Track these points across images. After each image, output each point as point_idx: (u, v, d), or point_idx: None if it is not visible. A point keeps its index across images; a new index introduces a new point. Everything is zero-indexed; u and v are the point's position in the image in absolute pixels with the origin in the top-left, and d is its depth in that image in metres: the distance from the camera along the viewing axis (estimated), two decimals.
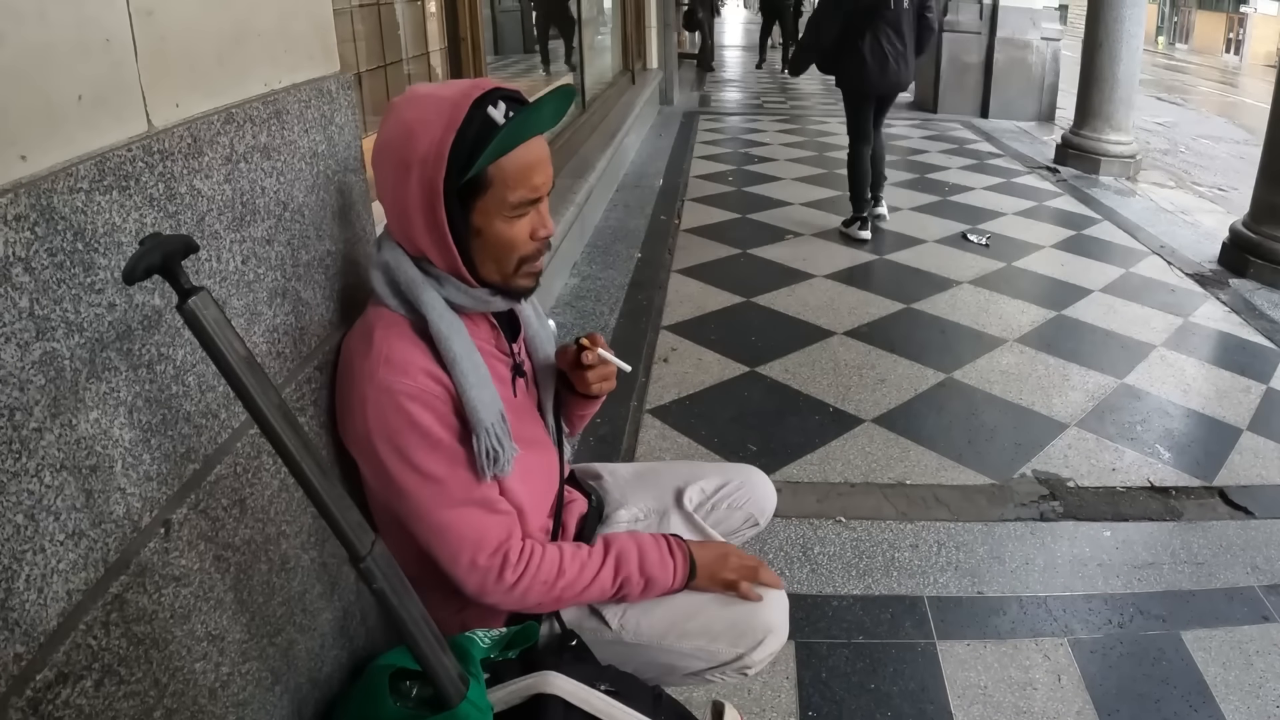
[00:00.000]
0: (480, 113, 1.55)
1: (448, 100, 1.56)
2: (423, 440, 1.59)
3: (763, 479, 2.28)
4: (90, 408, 1.09)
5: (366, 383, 1.58)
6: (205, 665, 1.31)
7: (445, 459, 1.61)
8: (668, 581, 1.80)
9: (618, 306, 5.42)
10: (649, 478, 2.23)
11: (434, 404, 1.59)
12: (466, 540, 1.63)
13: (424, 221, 1.60)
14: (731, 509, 2.19)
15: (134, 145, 1.19)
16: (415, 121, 1.56)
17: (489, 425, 1.60)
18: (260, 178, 1.51)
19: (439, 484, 1.61)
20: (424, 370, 1.59)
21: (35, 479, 1.01)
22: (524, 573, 1.67)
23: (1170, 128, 14.78)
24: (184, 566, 1.26)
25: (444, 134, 1.53)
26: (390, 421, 1.57)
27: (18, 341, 0.98)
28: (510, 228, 1.63)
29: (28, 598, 0.99)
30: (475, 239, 1.63)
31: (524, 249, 1.66)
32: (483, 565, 1.64)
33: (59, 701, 1.01)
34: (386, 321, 1.64)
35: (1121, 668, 2.64)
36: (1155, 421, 4.14)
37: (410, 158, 1.56)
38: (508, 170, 1.58)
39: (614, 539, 1.82)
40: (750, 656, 1.83)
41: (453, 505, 1.62)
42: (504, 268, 1.67)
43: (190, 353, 1.29)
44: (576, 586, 1.74)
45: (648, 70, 13.03)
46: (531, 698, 1.53)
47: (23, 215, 0.99)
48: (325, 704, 1.70)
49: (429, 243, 1.62)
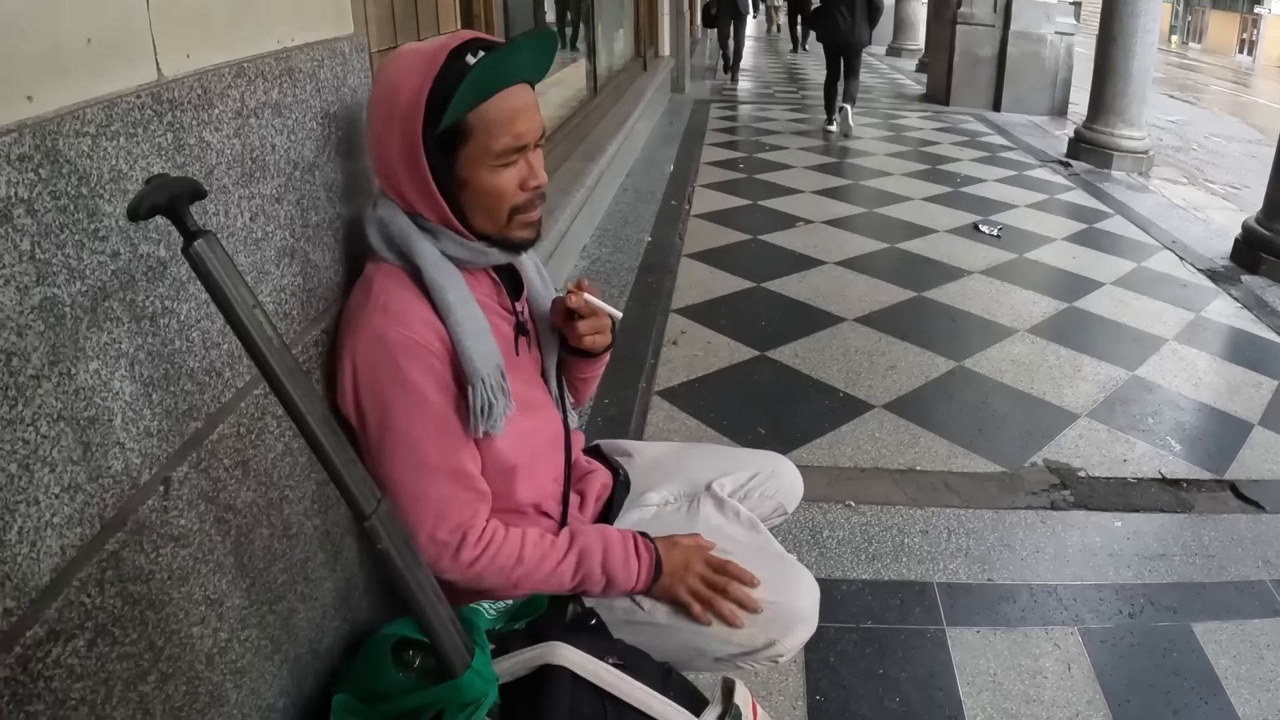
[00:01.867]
0: (458, 61, 1.52)
1: (427, 52, 1.54)
2: (410, 397, 1.56)
3: (790, 468, 2.26)
4: (90, 358, 1.06)
5: (358, 333, 1.57)
6: (203, 630, 1.28)
7: (428, 421, 1.58)
8: (629, 583, 1.76)
9: (627, 289, 5.38)
10: (679, 462, 2.20)
11: (427, 359, 1.57)
12: (429, 511, 1.60)
13: (408, 173, 1.58)
14: (763, 498, 2.16)
15: (143, 93, 1.16)
16: (397, 75, 1.55)
17: (484, 375, 1.57)
18: (271, 134, 1.48)
19: (416, 447, 1.58)
20: (421, 319, 1.57)
21: (31, 428, 0.97)
22: (481, 554, 1.64)
23: (1182, 125, 14.76)
24: (183, 527, 1.22)
25: (421, 83, 1.51)
26: (379, 375, 1.55)
27: (17, 285, 0.95)
28: (497, 177, 1.60)
29: (19, 551, 0.96)
30: (463, 190, 1.61)
31: (514, 199, 1.63)
32: (440, 539, 1.61)
33: (49, 660, 0.98)
34: (385, 272, 1.62)
35: (1132, 658, 2.61)
36: (1166, 414, 4.11)
37: (393, 111, 1.54)
38: (488, 117, 1.56)
39: (581, 532, 1.78)
40: (782, 644, 1.81)
41: (426, 473, 1.60)
42: (496, 219, 1.64)
43: (195, 308, 1.26)
44: (534, 576, 1.70)
45: (660, 58, 13.02)
46: (538, 668, 1.49)
47: (27, 155, 0.96)
48: (326, 676, 1.67)
49: (415, 194, 1.60)
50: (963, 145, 10.28)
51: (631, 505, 2.06)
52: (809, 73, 18.19)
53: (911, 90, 15.37)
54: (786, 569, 1.93)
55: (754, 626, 1.80)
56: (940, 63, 13.62)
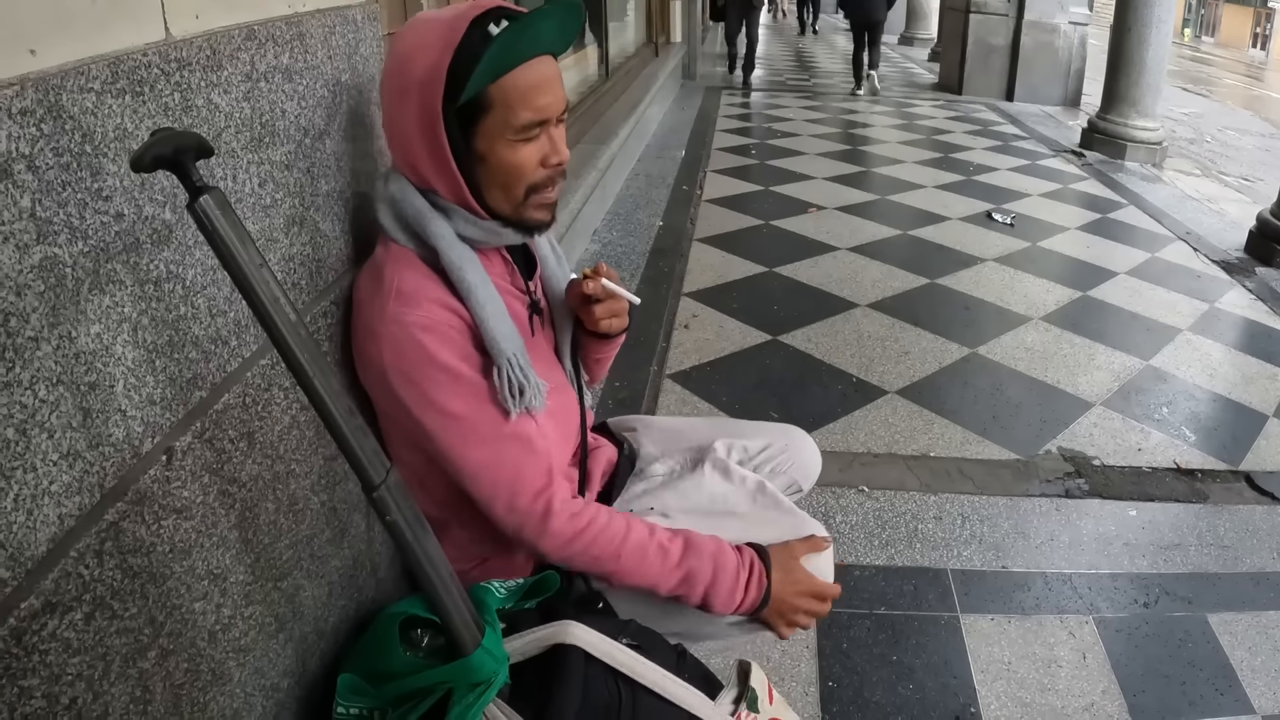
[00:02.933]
0: (480, 31, 1.47)
1: (445, 21, 1.49)
2: (441, 374, 1.51)
3: (807, 441, 2.19)
4: (92, 321, 1.03)
5: (379, 320, 1.51)
6: (205, 606, 1.25)
7: (468, 393, 1.53)
8: (726, 610, 1.67)
9: (639, 273, 5.36)
10: (687, 431, 2.14)
11: (450, 335, 1.52)
12: (502, 481, 1.56)
13: (425, 147, 1.52)
14: (774, 473, 2.09)
15: (150, 51, 1.13)
16: (415, 44, 1.49)
17: (510, 355, 1.53)
18: (281, 99, 1.44)
19: (464, 421, 1.53)
20: (437, 300, 1.52)
21: (29, 391, 0.94)
22: (577, 535, 1.58)
23: (1196, 118, 14.68)
24: (186, 498, 1.20)
25: (441, 54, 1.46)
26: (408, 357, 1.50)
27: (16, 243, 0.92)
28: (516, 153, 1.54)
29: (15, 519, 0.93)
30: (480, 165, 1.55)
31: (532, 176, 1.57)
32: (521, 508, 1.57)
33: (44, 633, 0.95)
34: (395, 256, 1.57)
35: (1147, 648, 2.58)
36: (1181, 404, 4.08)
37: (409, 82, 1.49)
38: (510, 90, 1.50)
39: (695, 549, 1.66)
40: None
41: (483, 442, 1.54)
42: (512, 196, 1.59)
43: (201, 274, 1.23)
44: (628, 578, 1.63)
45: (671, 44, 13.01)
46: (551, 648, 1.46)
47: (29, 110, 0.93)
48: (331, 656, 1.65)
49: (432, 170, 1.55)
50: (975, 134, 10.23)
51: (637, 477, 2.02)
52: (819, 59, 18.17)
53: (924, 79, 15.31)
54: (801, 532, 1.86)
55: None
56: (953, 52, 13.57)
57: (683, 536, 1.68)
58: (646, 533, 1.65)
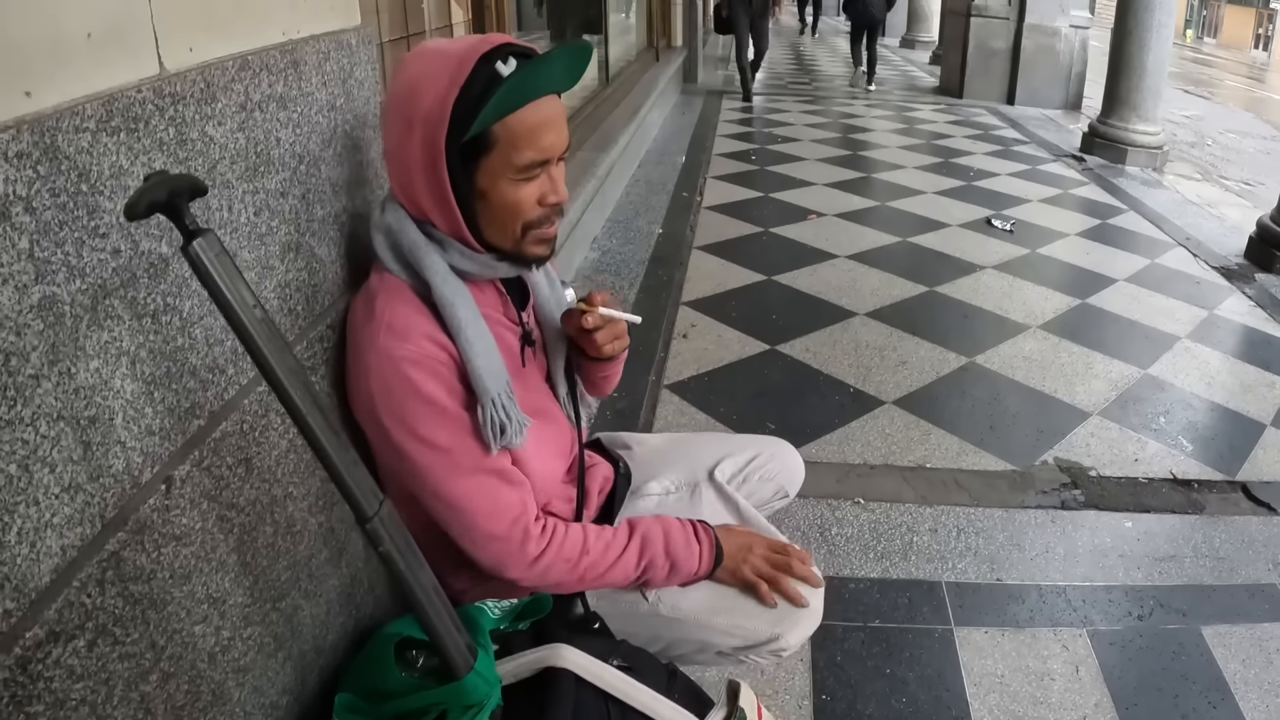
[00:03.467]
0: (488, 68, 1.48)
1: (454, 55, 1.49)
2: (427, 408, 1.53)
3: (791, 450, 2.26)
4: (91, 356, 1.05)
5: (369, 351, 1.53)
6: (205, 629, 1.27)
7: (453, 427, 1.55)
8: (693, 567, 1.76)
9: (637, 281, 5.38)
10: (680, 449, 2.19)
11: (438, 370, 1.53)
12: (480, 511, 1.58)
13: (426, 181, 1.53)
14: (763, 480, 2.16)
15: (144, 87, 1.14)
16: (420, 77, 1.50)
17: (494, 395, 1.54)
18: (275, 128, 1.46)
19: (447, 454, 1.55)
20: (427, 335, 1.53)
21: (30, 428, 0.96)
22: (546, 548, 1.63)
23: (1197, 121, 14.68)
24: (185, 525, 1.21)
25: (448, 90, 1.46)
26: (394, 391, 1.52)
27: (16, 284, 0.94)
28: (517, 191, 1.55)
29: (19, 552, 0.95)
30: (480, 201, 1.56)
31: (530, 214, 1.58)
32: (501, 536, 1.60)
33: (49, 661, 0.97)
34: (388, 287, 1.58)
35: (1141, 661, 2.60)
36: (1179, 413, 4.08)
37: (414, 114, 1.49)
38: (515, 129, 1.51)
39: (639, 522, 1.77)
40: (786, 638, 1.79)
41: (464, 475, 1.57)
42: (509, 233, 1.59)
43: (198, 304, 1.25)
44: (599, 566, 1.69)
45: (672, 48, 13.01)
46: (542, 671, 1.48)
47: (25, 153, 0.95)
48: (330, 672, 1.66)
49: (431, 204, 1.56)
50: (976, 139, 10.24)
51: (633, 496, 2.05)
52: (820, 63, 18.18)
53: (925, 83, 15.32)
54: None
55: (760, 619, 1.79)
56: (954, 55, 13.58)
57: (625, 519, 1.79)
58: (596, 528, 1.74)
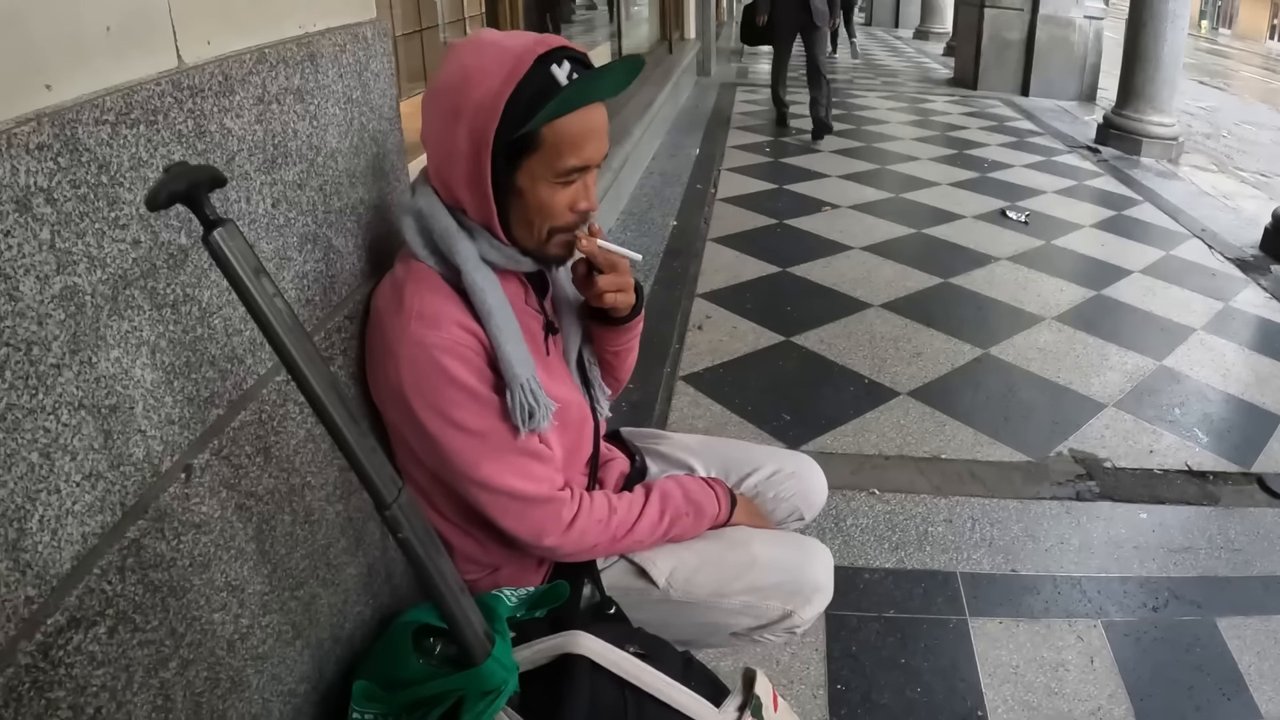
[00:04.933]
0: (543, 69, 1.49)
1: (511, 51, 1.49)
2: (460, 394, 1.54)
3: (816, 471, 2.21)
4: (111, 346, 1.06)
5: (399, 340, 1.54)
6: (224, 616, 1.29)
7: (485, 412, 1.56)
8: (714, 509, 1.82)
9: (652, 273, 5.39)
10: (712, 451, 2.20)
11: (469, 356, 1.54)
12: (515, 487, 1.60)
13: (467, 171, 1.54)
14: (777, 499, 2.14)
15: (163, 80, 1.16)
16: (474, 68, 1.50)
17: (524, 380, 1.55)
18: (293, 120, 1.47)
19: (482, 438, 1.57)
20: (456, 322, 1.54)
21: (52, 416, 0.98)
22: (579, 512, 1.66)
23: (1213, 112, 14.60)
24: (204, 514, 1.23)
25: (502, 85, 1.47)
26: (427, 378, 1.53)
27: (37, 274, 0.95)
28: (553, 194, 1.57)
29: (40, 539, 0.96)
30: (515, 198, 1.57)
31: (560, 219, 1.60)
32: (539, 503, 1.63)
33: (70, 647, 0.99)
34: (416, 275, 1.59)
35: (1155, 652, 2.60)
36: (1194, 405, 4.08)
37: (463, 104, 1.50)
38: (562, 134, 1.52)
39: (651, 483, 1.83)
40: (799, 614, 1.83)
41: (498, 456, 1.58)
42: (535, 233, 1.61)
43: (217, 295, 1.26)
44: (628, 523, 1.73)
45: (685, 41, 13.01)
46: (558, 657, 1.50)
47: (46, 145, 0.96)
48: (347, 660, 1.68)
49: (467, 193, 1.57)
50: (990, 130, 10.22)
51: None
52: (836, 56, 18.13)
53: (939, 74, 15.27)
54: (800, 541, 1.98)
55: (772, 596, 1.82)
56: (968, 46, 13.54)
57: (655, 489, 1.84)
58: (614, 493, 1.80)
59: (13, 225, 0.92)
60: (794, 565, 1.87)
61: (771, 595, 1.82)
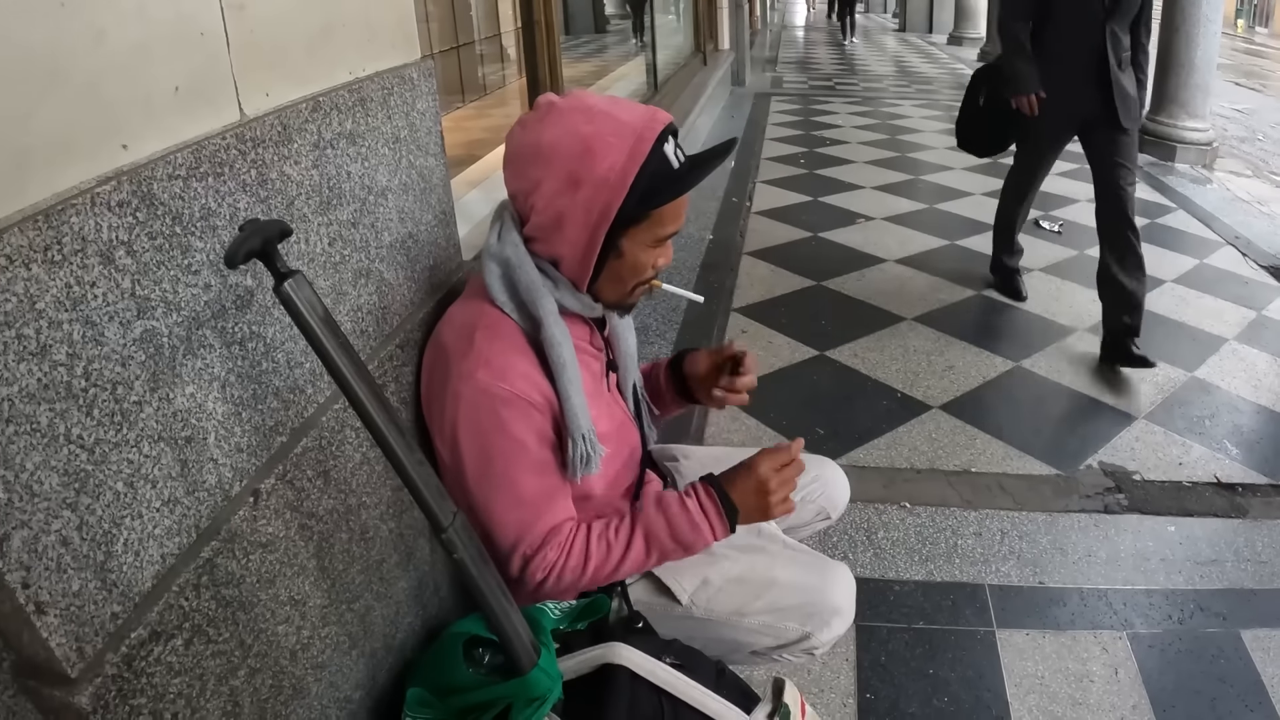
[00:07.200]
0: (659, 149, 1.58)
1: (630, 127, 1.57)
2: (510, 446, 1.62)
3: (837, 472, 2.31)
4: (186, 382, 1.16)
5: (463, 382, 1.61)
6: (287, 628, 1.38)
7: (527, 466, 1.64)
8: (706, 541, 1.76)
9: (690, 288, 5.34)
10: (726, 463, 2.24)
11: (528, 412, 1.62)
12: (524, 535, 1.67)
13: (577, 235, 1.61)
14: (804, 502, 2.20)
15: (227, 134, 1.25)
16: (594, 138, 1.56)
17: (585, 431, 1.63)
18: (346, 163, 1.57)
19: (515, 486, 1.65)
20: (524, 375, 1.62)
21: (135, 449, 1.07)
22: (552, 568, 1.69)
23: (1249, 115, 14.40)
24: (270, 534, 1.32)
25: (627, 163, 1.55)
26: (482, 423, 1.61)
27: (120, 320, 1.05)
28: (647, 255, 1.68)
29: (125, 560, 1.06)
30: (614, 259, 1.66)
31: (645, 275, 1.71)
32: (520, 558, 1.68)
33: (151, 659, 1.08)
34: (490, 321, 1.66)
35: (1179, 664, 2.63)
36: (1224, 417, 4.08)
37: (584, 175, 1.56)
38: (666, 208, 1.63)
39: (640, 514, 1.78)
40: (817, 636, 1.88)
41: (521, 505, 1.66)
42: (623, 288, 1.72)
43: (280, 331, 1.36)
44: (606, 569, 1.73)
45: (719, 51, 13.00)
46: (600, 667, 1.58)
47: (125, 201, 1.05)
48: (399, 668, 1.77)
49: (570, 252, 1.64)
50: None
51: None
52: (870, 64, 18.10)
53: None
54: (821, 563, 2.01)
55: (791, 617, 1.88)
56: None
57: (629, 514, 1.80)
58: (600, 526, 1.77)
59: (98, 277, 1.02)
60: (814, 588, 1.92)
61: (790, 616, 1.88)
